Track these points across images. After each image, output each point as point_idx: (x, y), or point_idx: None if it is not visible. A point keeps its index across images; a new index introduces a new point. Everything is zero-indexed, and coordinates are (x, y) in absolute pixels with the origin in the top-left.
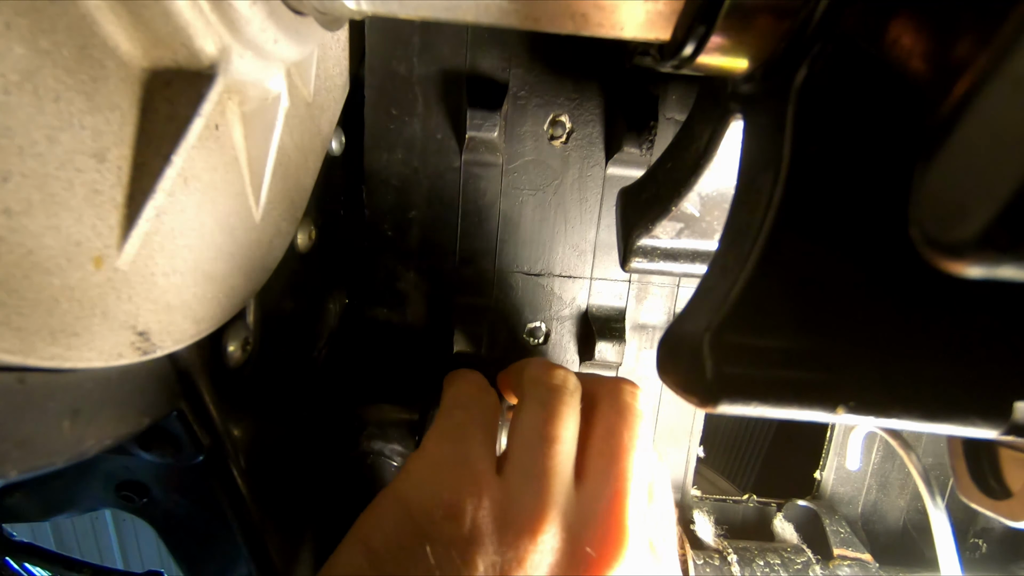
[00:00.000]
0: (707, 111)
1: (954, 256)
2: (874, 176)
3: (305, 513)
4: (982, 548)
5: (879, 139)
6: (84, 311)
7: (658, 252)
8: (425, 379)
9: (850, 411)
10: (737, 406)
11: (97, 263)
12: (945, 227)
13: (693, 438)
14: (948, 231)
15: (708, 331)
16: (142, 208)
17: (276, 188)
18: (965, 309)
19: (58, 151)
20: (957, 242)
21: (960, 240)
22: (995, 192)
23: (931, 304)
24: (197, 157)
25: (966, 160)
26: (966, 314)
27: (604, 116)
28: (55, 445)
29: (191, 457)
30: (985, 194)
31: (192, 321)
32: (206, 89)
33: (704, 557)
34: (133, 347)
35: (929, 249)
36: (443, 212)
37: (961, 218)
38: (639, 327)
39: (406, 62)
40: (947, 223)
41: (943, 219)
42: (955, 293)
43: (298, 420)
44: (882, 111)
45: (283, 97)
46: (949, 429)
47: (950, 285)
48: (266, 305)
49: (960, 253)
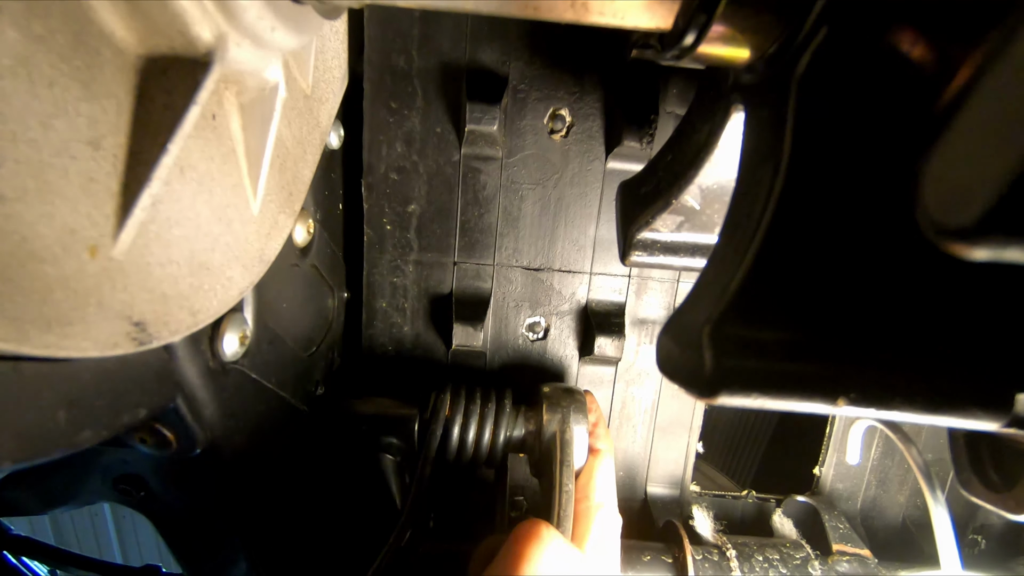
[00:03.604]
0: (708, 103)
1: (960, 240)
2: (875, 165)
3: (304, 508)
4: (981, 544)
5: (880, 128)
6: (79, 300)
7: (658, 246)
8: (425, 373)
9: (851, 403)
10: (737, 398)
11: (92, 252)
12: (950, 211)
13: (692, 434)
14: (953, 215)
15: (708, 323)
16: (138, 197)
17: (274, 180)
18: (967, 301)
19: (53, 138)
20: (962, 226)
21: (965, 224)
22: (999, 175)
23: (933, 296)
24: (194, 147)
25: (970, 145)
26: (968, 306)
27: (604, 110)
28: (50, 435)
29: (187, 451)
30: (989, 177)
31: (188, 312)
32: (203, 77)
33: (703, 552)
34: (129, 337)
35: (935, 233)
36: (442, 206)
37: (966, 202)
38: (639, 322)
39: (405, 55)
40: (952, 207)
41: (948, 203)
42: (957, 285)
43: (297, 416)
44: (884, 99)
45: (281, 87)
46: (951, 421)
47: (952, 277)
48: (265, 298)
49: (966, 236)
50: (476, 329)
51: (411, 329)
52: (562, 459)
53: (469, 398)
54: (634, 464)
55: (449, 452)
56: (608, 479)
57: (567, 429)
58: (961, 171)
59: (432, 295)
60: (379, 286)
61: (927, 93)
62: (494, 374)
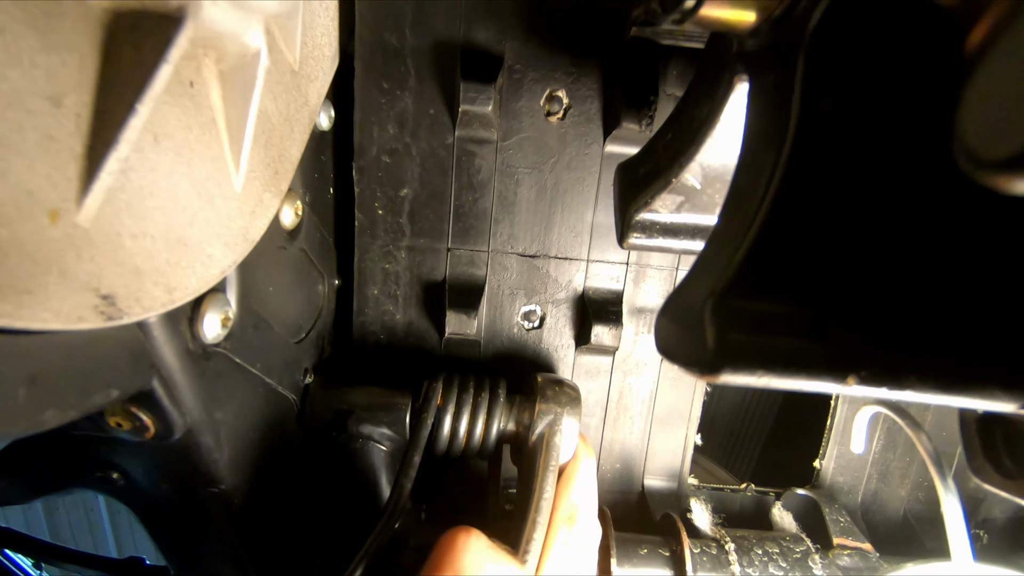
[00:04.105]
0: (710, 76)
1: (1003, 171)
2: (892, 124)
3: (291, 499)
4: (983, 539)
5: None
6: (38, 267)
7: (657, 227)
8: (417, 362)
9: (862, 381)
10: (741, 375)
11: (54, 217)
12: (991, 143)
13: (691, 426)
14: (994, 147)
15: (711, 296)
16: (104, 160)
17: (258, 156)
18: (982, 275)
19: (4, 89)
20: (1004, 157)
21: (1007, 155)
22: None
23: (947, 269)
24: (169, 114)
25: (1010, 73)
26: (983, 281)
27: (602, 91)
28: (9, 413)
29: (166, 436)
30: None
31: (164, 289)
32: (174, 34)
33: (701, 546)
34: (96, 311)
35: (976, 168)
36: (436, 190)
37: (1007, 132)
38: (636, 311)
39: (398, 33)
40: (993, 139)
41: (989, 135)
42: (973, 257)
43: (285, 404)
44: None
45: (263, 55)
46: (966, 402)
47: (968, 248)
48: (250, 281)
49: (1009, 167)
50: (470, 317)
51: (403, 317)
52: (546, 462)
53: (462, 387)
54: (631, 456)
55: (440, 442)
56: (587, 487)
57: (556, 432)
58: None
59: (425, 282)
60: (370, 272)
61: (953, 32)
62: (488, 363)
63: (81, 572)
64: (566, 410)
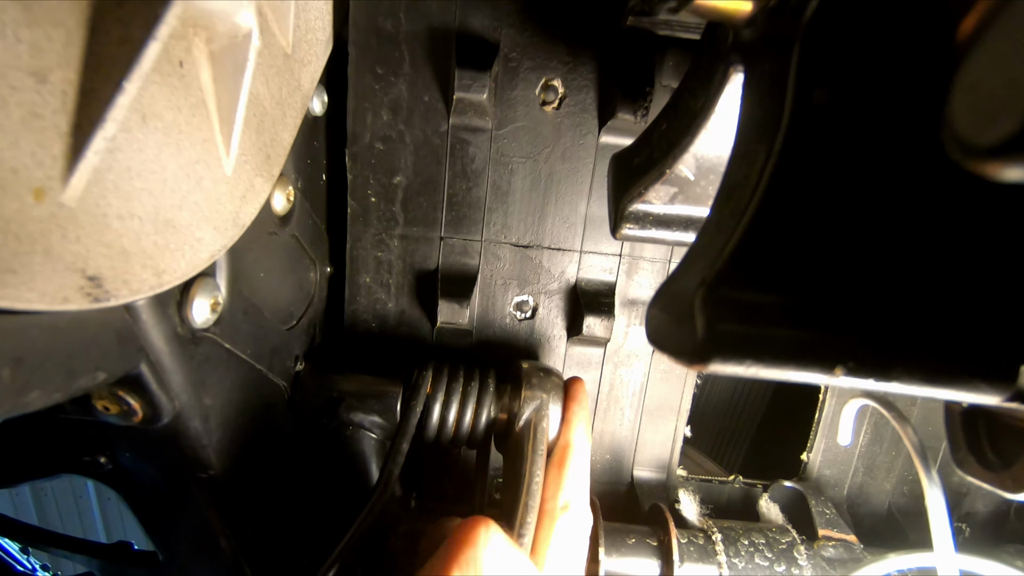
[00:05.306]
0: (706, 67)
1: (991, 157)
2: (886, 114)
3: (281, 486)
4: (965, 532)
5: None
6: (22, 246)
7: (650, 218)
8: (409, 350)
9: (849, 372)
10: (730, 365)
11: (38, 195)
12: (981, 128)
13: (680, 418)
14: (984, 132)
15: (702, 286)
16: (90, 138)
17: (250, 140)
18: (970, 268)
19: None
20: (994, 143)
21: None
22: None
23: (935, 262)
24: (158, 94)
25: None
26: (971, 274)
27: (598, 81)
28: None
29: (154, 420)
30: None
31: (152, 271)
32: (162, 10)
33: (688, 536)
34: (82, 292)
35: (964, 154)
36: (429, 178)
37: (997, 118)
38: (629, 303)
39: (392, 18)
40: (983, 124)
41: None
42: (961, 250)
43: (275, 391)
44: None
45: (254, 36)
46: (952, 394)
47: (956, 241)
48: (240, 266)
49: (997, 153)
50: (462, 306)
51: (395, 306)
52: (535, 447)
53: (452, 375)
54: (621, 447)
55: (429, 430)
56: (581, 476)
57: (543, 418)
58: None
59: (417, 271)
60: (363, 260)
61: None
62: (480, 353)
63: (69, 556)
64: (551, 396)
